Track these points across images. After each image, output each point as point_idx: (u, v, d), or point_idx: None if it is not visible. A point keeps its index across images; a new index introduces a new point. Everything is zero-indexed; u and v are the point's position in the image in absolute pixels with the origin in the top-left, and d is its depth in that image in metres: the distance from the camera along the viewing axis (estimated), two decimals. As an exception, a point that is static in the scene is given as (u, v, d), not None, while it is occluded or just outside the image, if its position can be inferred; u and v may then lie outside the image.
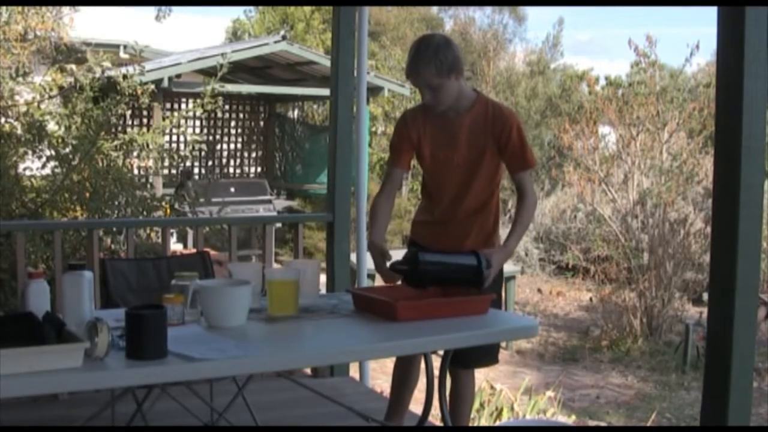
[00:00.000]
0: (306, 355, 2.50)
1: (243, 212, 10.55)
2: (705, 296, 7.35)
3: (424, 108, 3.13)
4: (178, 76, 11.14)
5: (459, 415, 3.24)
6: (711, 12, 2.65)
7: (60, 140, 6.53)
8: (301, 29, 16.58)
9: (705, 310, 3.64)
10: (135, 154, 7.23)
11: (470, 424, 3.84)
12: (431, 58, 2.93)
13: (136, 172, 7.90)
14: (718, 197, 2.74)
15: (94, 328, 2.08)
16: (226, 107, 11.44)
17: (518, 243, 3.08)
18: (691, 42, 9.59)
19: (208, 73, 10.25)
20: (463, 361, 3.11)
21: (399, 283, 2.87)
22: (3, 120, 6.77)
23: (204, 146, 11.59)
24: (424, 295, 2.79)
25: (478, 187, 3.10)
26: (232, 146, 13.87)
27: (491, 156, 3.06)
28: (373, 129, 14.67)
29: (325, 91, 7.65)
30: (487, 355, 3.22)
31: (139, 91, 7.24)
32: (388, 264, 2.87)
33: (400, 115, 3.36)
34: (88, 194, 6.34)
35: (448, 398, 3.14)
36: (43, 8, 8.20)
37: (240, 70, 12.01)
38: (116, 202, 6.43)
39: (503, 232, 3.11)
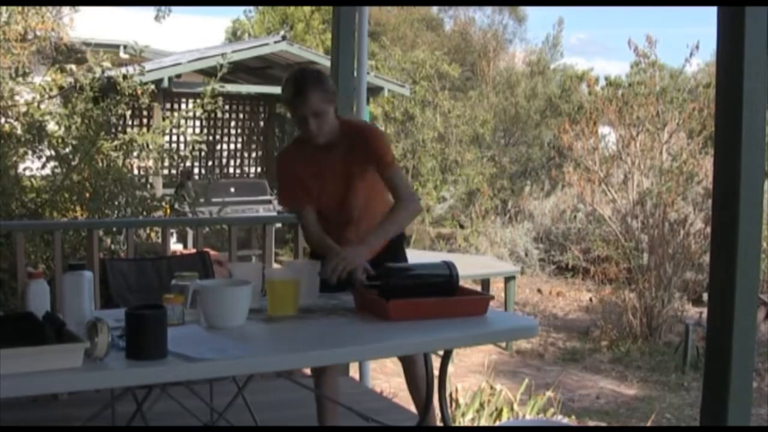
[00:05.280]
0: (306, 355, 2.50)
1: (243, 212, 10.55)
2: (705, 296, 7.34)
3: (297, 145, 3.14)
4: (178, 76, 11.15)
5: (422, 396, 3.23)
6: (711, 12, 2.65)
7: (60, 140, 6.54)
8: (300, 29, 16.57)
9: (705, 310, 3.64)
10: (135, 154, 7.22)
11: (469, 424, 3.83)
12: (317, 83, 2.90)
13: (136, 172, 7.91)
14: (718, 197, 2.74)
15: (94, 328, 2.08)
16: (226, 107, 11.44)
17: (379, 241, 2.95)
18: (690, 42, 9.57)
19: (208, 73, 10.26)
20: None
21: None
22: (3, 120, 6.78)
23: (204, 146, 11.58)
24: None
25: (360, 189, 3.06)
26: (232, 146, 13.88)
27: (362, 171, 3.03)
28: (373, 129, 14.63)
29: (325, 92, 7.65)
30: None
31: (139, 91, 7.24)
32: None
33: (277, 158, 3.27)
34: (88, 194, 6.34)
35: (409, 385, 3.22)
36: (43, 8, 8.21)
37: (240, 71, 12.01)
38: (116, 202, 6.43)
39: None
